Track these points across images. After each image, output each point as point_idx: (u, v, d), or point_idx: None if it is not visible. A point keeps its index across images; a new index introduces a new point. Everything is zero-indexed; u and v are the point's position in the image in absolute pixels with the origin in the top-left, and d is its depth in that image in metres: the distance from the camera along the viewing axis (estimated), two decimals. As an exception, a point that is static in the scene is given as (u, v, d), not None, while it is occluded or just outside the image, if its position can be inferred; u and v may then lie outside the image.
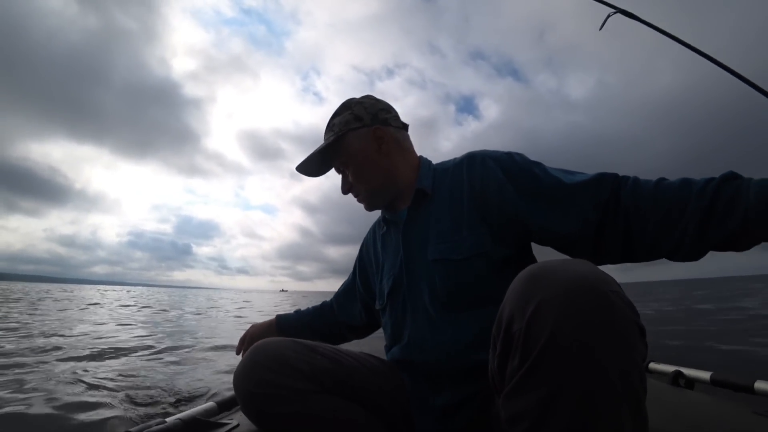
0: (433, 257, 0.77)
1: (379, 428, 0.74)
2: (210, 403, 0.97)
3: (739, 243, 0.55)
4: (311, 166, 0.92)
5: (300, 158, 0.90)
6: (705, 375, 1.18)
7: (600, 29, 0.88)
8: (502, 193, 0.74)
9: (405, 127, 0.91)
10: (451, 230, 0.77)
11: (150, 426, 0.79)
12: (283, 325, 1.09)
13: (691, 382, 1.22)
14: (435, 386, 0.75)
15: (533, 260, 0.81)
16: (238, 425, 0.89)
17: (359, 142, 0.87)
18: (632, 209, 0.63)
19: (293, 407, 0.67)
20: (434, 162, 0.91)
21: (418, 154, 0.92)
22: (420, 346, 0.77)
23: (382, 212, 0.95)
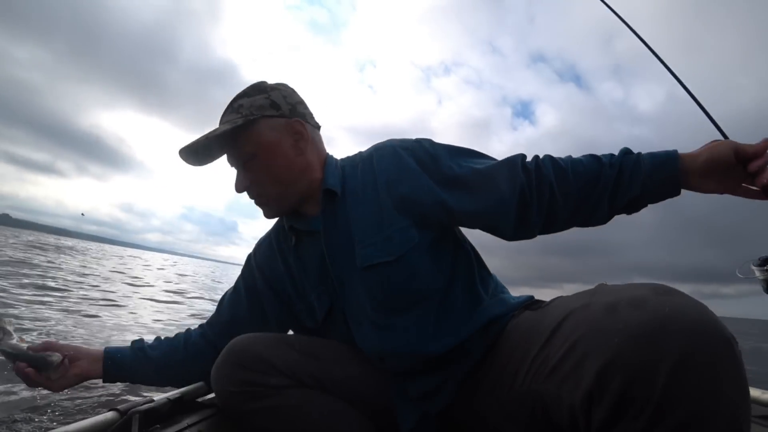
0: (364, 264, 0.71)
1: (360, 419, 0.74)
2: (199, 383, 0.97)
3: (635, 207, 0.67)
4: (199, 152, 0.76)
5: (342, 148, 0.77)
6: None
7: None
8: (418, 182, 0.72)
9: (319, 127, 0.83)
10: (374, 230, 0.72)
11: (137, 404, 0.78)
12: (111, 366, 0.80)
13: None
14: (407, 378, 0.75)
15: (461, 237, 0.81)
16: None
17: (274, 133, 0.75)
18: (556, 185, 0.68)
19: (270, 402, 0.67)
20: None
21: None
22: (378, 356, 0.74)
23: (285, 221, 0.83)
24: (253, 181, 0.77)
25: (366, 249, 0.72)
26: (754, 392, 1.02)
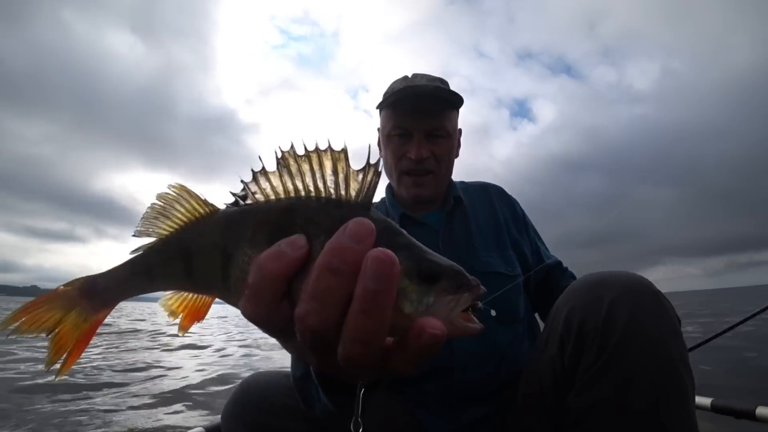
0: (486, 270, 0.79)
1: None
2: (198, 428, 0.96)
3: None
4: (419, 97, 0.78)
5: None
6: (706, 401, 1.15)
7: None
8: (526, 230, 0.92)
9: None
10: (495, 245, 0.84)
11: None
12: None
13: (692, 409, 1.19)
14: (464, 402, 0.75)
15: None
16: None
17: (456, 127, 0.85)
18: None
19: None
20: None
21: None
22: (466, 360, 0.75)
23: (397, 209, 0.86)
24: (434, 154, 0.80)
25: (489, 258, 0.81)
26: (762, 410, 0.98)
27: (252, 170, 0.29)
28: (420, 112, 0.80)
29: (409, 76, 0.86)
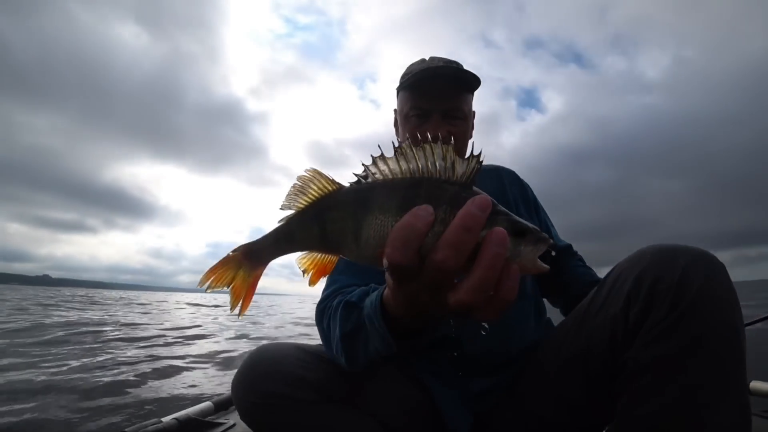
0: None
1: None
2: (206, 403, 0.98)
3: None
4: (439, 77, 0.81)
5: (356, 163, 0.83)
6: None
7: None
8: (536, 210, 0.96)
9: None
10: None
11: (146, 426, 0.79)
12: None
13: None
14: (472, 373, 0.76)
15: None
16: (234, 425, 0.89)
17: (471, 107, 0.87)
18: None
19: (295, 418, 0.64)
20: None
21: None
22: (475, 331, 0.77)
23: None
24: (451, 135, 0.82)
25: None
26: (756, 384, 1.01)
27: (372, 156, 0.37)
28: (438, 93, 0.83)
29: (426, 59, 0.88)
